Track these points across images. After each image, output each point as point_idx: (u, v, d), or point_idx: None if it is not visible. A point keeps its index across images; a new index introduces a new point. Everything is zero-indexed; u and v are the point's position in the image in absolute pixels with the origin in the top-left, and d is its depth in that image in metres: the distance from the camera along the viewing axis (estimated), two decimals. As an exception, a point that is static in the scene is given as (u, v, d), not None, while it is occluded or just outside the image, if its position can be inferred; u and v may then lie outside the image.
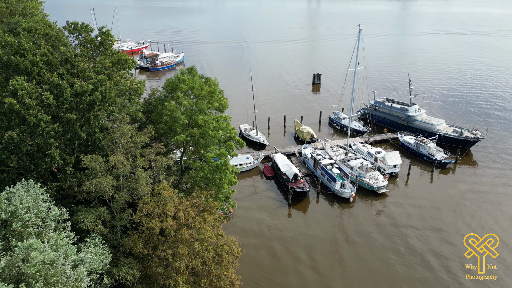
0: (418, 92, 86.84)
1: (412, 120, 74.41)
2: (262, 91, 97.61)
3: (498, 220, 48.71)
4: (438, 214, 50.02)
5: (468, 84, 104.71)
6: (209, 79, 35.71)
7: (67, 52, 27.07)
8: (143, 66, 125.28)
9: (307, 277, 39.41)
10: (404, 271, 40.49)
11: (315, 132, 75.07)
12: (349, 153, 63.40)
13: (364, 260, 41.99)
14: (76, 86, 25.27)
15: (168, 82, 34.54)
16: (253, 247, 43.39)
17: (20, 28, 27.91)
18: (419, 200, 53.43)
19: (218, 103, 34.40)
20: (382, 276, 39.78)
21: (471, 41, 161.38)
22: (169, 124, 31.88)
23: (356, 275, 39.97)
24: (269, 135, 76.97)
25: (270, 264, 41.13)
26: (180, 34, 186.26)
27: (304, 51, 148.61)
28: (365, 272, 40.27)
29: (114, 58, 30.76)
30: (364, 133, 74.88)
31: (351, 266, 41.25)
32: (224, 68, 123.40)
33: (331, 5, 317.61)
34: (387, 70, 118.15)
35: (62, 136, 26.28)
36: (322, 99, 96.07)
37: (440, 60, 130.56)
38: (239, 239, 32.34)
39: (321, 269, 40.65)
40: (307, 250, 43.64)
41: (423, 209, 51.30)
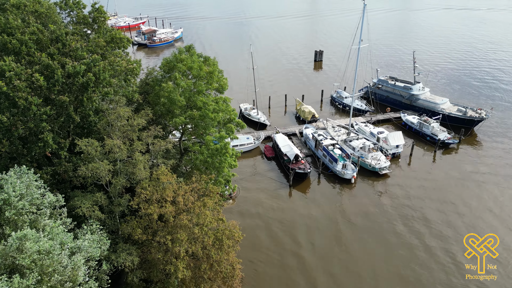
0: (422, 70, 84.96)
1: (415, 99, 72.98)
2: (263, 69, 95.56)
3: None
4: (440, 196, 49.59)
5: (473, 61, 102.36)
6: (208, 58, 34.26)
7: (58, 30, 25.61)
8: (140, 42, 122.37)
9: (307, 259, 39.32)
10: (404, 254, 40.38)
11: (317, 111, 73.82)
12: (351, 133, 62.45)
13: (364, 242, 41.83)
14: (68, 66, 24.00)
15: (166, 62, 33.12)
16: (253, 229, 43.16)
17: (7, 4, 26.35)
18: (421, 181, 52.90)
19: (217, 84, 33.13)
20: (382, 259, 39.69)
21: (479, 16, 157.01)
22: (167, 106, 30.78)
23: (356, 257, 39.89)
24: (270, 114, 75.77)
25: (269, 246, 40.98)
26: (178, 9, 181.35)
27: (306, 27, 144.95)
28: (365, 255, 40.16)
29: (108, 37, 29.21)
30: (367, 113, 73.66)
31: (352, 248, 41.12)
32: (224, 44, 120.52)
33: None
34: (391, 47, 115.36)
35: (55, 119, 25.24)
36: (324, 77, 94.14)
37: (445, 36, 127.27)
38: (239, 222, 31.92)
39: (321, 251, 40.54)
40: (308, 232, 43.43)
41: (425, 190, 50.83)
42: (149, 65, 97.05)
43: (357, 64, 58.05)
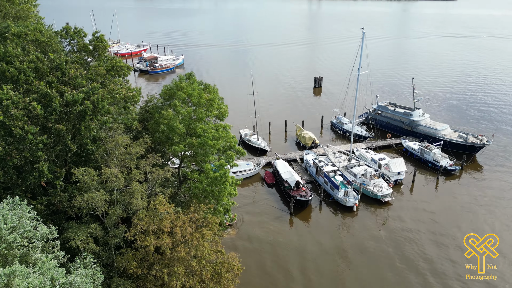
0: (422, 96, 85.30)
1: (416, 125, 72.91)
2: (263, 95, 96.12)
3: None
4: (444, 224, 48.44)
5: (472, 87, 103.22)
6: (209, 86, 34.20)
7: (58, 59, 25.56)
8: (142, 69, 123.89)
9: (310, 292, 37.81)
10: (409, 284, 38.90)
11: (317, 137, 73.63)
12: (352, 160, 61.89)
13: (368, 272, 40.39)
14: (66, 95, 23.76)
15: (166, 89, 33.04)
16: (253, 258, 41.81)
17: (9, 33, 26.44)
18: (424, 209, 51.84)
19: (217, 111, 32.90)
20: None
21: (474, 43, 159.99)
22: (166, 134, 30.38)
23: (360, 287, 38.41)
24: (270, 140, 75.50)
25: (270, 276, 39.54)
26: (180, 36, 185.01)
27: (305, 54, 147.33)
28: (371, 284, 38.68)
29: (109, 65, 29.22)
30: (367, 139, 73.41)
31: (354, 278, 39.65)
32: (225, 71, 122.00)
33: (332, 7, 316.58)
34: (390, 73, 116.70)
35: (51, 148, 24.75)
36: (324, 103, 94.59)
37: (443, 63, 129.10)
38: (239, 254, 30.82)
39: (324, 282, 39.05)
40: (309, 261, 42.04)
41: (429, 218, 49.71)
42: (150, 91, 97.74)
43: (357, 91, 58.24)
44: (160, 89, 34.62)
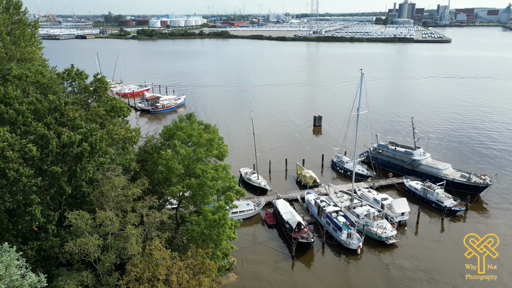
0: (422, 135, 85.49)
1: (417, 164, 72.34)
2: (263, 134, 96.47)
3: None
4: (451, 268, 46.46)
5: (471, 126, 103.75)
6: (209, 126, 34.11)
7: (57, 100, 25.59)
8: (144, 108, 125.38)
9: None
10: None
11: (318, 176, 72.86)
12: (354, 200, 60.73)
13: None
14: (64, 136, 23.49)
15: (166, 130, 32.92)
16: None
17: (10, 75, 26.71)
18: (430, 251, 50.03)
19: (217, 151, 32.51)
20: None
21: (471, 84, 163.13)
22: (165, 174, 29.82)
23: None
24: (270, 179, 74.63)
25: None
26: (182, 77, 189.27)
27: (304, 94, 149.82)
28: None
29: (109, 105, 29.30)
30: (369, 178, 72.59)
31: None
32: (225, 110, 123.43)
33: (329, 49, 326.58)
34: (388, 113, 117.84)
35: (46, 190, 24.10)
36: (324, 142, 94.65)
37: (441, 102, 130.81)
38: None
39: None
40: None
41: (435, 261, 47.81)
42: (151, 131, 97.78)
43: (357, 130, 58.27)
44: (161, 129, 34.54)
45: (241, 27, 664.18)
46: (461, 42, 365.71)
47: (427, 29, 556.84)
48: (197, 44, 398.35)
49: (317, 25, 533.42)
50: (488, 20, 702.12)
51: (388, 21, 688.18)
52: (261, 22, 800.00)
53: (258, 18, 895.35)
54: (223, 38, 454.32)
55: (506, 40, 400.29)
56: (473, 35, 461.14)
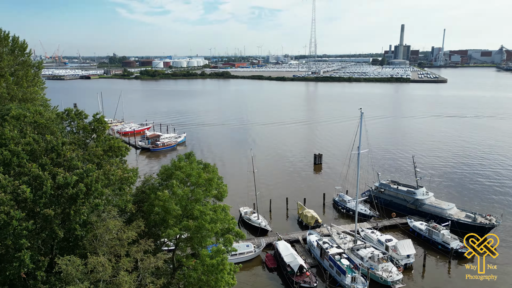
0: (424, 174, 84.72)
1: (420, 204, 70.97)
2: (263, 172, 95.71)
3: None
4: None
5: (472, 165, 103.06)
6: (208, 165, 33.58)
7: (54, 140, 25.26)
8: (144, 146, 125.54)
9: None
10: None
11: (320, 215, 71.29)
12: (357, 241, 58.86)
13: None
14: (59, 177, 22.92)
15: (164, 169, 32.35)
16: None
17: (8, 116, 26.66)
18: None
19: (216, 191, 31.72)
20: None
21: (469, 122, 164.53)
22: (161, 216, 28.87)
23: None
24: (271, 218, 72.98)
25: None
26: (183, 116, 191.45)
27: (304, 132, 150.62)
28: None
29: (107, 145, 28.96)
30: (371, 218, 70.96)
31: None
32: (225, 149, 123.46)
33: (328, 88, 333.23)
34: (389, 151, 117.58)
35: (37, 234, 23.13)
36: (325, 180, 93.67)
37: (441, 141, 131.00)
38: None
39: None
40: None
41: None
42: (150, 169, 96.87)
43: (358, 169, 57.65)
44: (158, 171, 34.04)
45: (242, 67, 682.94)
46: (457, 82, 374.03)
47: (423, 69, 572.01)
48: (199, 84, 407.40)
49: (315, 66, 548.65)
50: (482, 61, 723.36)
51: (385, 62, 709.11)
52: (261, 63, 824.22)
53: (258, 60, 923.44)
54: (224, 78, 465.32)
55: (500, 80, 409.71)
56: (468, 75, 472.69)
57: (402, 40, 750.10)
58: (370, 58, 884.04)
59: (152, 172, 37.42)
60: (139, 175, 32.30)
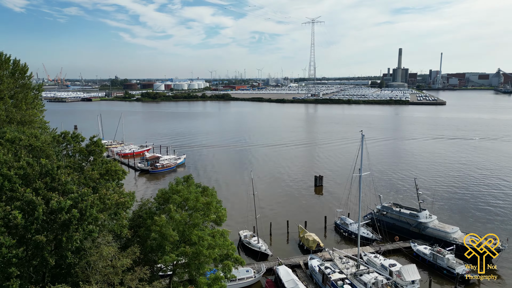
0: (427, 197, 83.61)
1: (424, 228, 69.57)
2: (264, 194, 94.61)
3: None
4: None
5: (475, 187, 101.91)
6: (207, 188, 32.85)
7: (49, 164, 24.71)
8: (143, 168, 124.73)
9: None
10: None
11: (321, 239, 69.85)
12: (360, 266, 57.22)
13: None
14: (52, 202, 22.22)
15: (161, 193, 31.61)
16: None
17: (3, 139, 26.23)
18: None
19: (215, 215, 30.86)
20: None
21: (469, 144, 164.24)
22: (158, 241, 27.93)
23: None
24: (271, 242, 71.46)
25: None
26: (183, 137, 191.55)
27: (304, 154, 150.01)
28: None
29: (103, 169, 28.37)
30: (374, 241, 69.41)
31: None
32: (225, 170, 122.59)
33: (327, 110, 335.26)
34: (390, 173, 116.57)
35: (27, 262, 22.21)
36: (326, 202, 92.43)
37: (442, 162, 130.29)
38: None
39: None
40: None
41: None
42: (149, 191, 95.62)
43: (360, 192, 56.76)
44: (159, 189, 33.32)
45: (242, 90, 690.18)
46: (456, 104, 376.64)
47: (421, 92, 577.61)
48: (199, 106, 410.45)
49: (315, 88, 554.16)
50: (479, 84, 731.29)
51: (383, 85, 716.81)
52: (261, 86, 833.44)
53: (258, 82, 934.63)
54: (225, 101, 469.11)
55: (499, 102, 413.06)
56: (466, 98, 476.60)
57: (400, 63, 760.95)
58: (369, 80, 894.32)
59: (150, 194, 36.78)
60: (136, 198, 31.52)
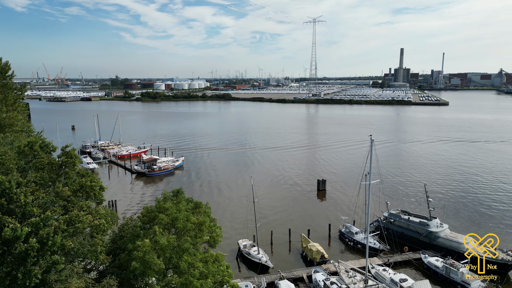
0: (438, 204, 79.30)
1: (434, 237, 65.37)
2: (264, 199, 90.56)
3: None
4: None
5: (487, 192, 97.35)
6: (200, 205, 28.69)
7: (6, 182, 20.70)
8: (140, 171, 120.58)
9: None
10: None
11: (325, 248, 65.92)
12: (369, 281, 53.10)
13: None
14: (6, 230, 18.24)
15: (146, 211, 27.44)
16: None
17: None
18: None
19: (208, 236, 26.74)
20: None
21: (476, 146, 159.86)
22: (140, 270, 23.86)
23: None
24: (272, 252, 67.38)
25: None
26: (182, 138, 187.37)
27: (306, 156, 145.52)
28: None
29: (76, 184, 24.30)
30: (381, 252, 65.29)
31: None
32: (225, 174, 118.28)
33: (329, 110, 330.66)
34: (397, 178, 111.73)
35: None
36: (329, 208, 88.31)
37: (450, 165, 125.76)
38: None
39: None
40: None
41: None
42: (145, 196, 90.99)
43: (369, 203, 52.61)
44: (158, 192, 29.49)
45: (243, 90, 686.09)
46: (459, 105, 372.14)
47: (423, 92, 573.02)
48: (200, 106, 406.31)
49: (316, 88, 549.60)
50: (481, 84, 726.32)
51: (385, 85, 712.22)
52: (262, 86, 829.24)
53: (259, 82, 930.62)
54: (225, 100, 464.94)
55: (501, 103, 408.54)
56: (469, 98, 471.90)
57: (401, 63, 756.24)
58: (370, 80, 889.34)
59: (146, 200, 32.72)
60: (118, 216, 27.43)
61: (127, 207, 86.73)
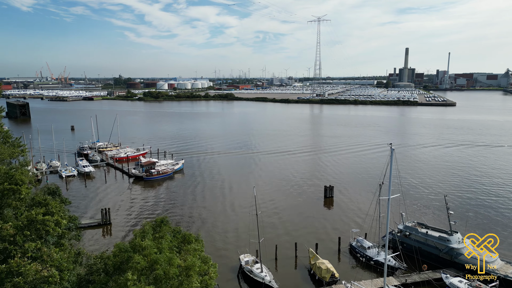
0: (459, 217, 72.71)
1: (456, 254, 59.06)
2: (268, 209, 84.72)
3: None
4: None
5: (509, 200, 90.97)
6: (189, 237, 22.70)
7: None
8: (137, 175, 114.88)
9: None
10: None
11: (334, 264, 60.22)
12: (386, 308, 47.11)
13: None
14: None
15: (118, 250, 21.34)
16: None
17: None
18: None
19: (199, 283, 20.72)
20: None
21: (490, 151, 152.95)
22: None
23: None
24: (276, 268, 61.49)
25: None
26: (183, 140, 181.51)
27: (311, 161, 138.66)
28: None
29: (23, 219, 18.42)
30: (397, 270, 59.18)
31: None
32: (226, 180, 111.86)
33: (333, 111, 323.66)
34: (411, 186, 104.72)
35: None
36: (338, 217, 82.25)
37: (467, 171, 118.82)
38: None
39: None
40: None
41: None
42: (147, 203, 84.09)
43: (388, 219, 46.54)
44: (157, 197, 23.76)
45: (246, 89, 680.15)
46: (466, 105, 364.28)
47: (429, 92, 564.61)
48: (202, 106, 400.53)
49: (320, 88, 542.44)
50: (488, 84, 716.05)
51: (390, 85, 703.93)
52: (265, 85, 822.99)
53: (262, 82, 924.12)
54: (228, 100, 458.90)
55: (509, 103, 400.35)
56: (476, 99, 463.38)
57: (406, 63, 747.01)
58: (374, 80, 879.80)
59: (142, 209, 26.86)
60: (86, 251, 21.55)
61: (120, 217, 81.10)
